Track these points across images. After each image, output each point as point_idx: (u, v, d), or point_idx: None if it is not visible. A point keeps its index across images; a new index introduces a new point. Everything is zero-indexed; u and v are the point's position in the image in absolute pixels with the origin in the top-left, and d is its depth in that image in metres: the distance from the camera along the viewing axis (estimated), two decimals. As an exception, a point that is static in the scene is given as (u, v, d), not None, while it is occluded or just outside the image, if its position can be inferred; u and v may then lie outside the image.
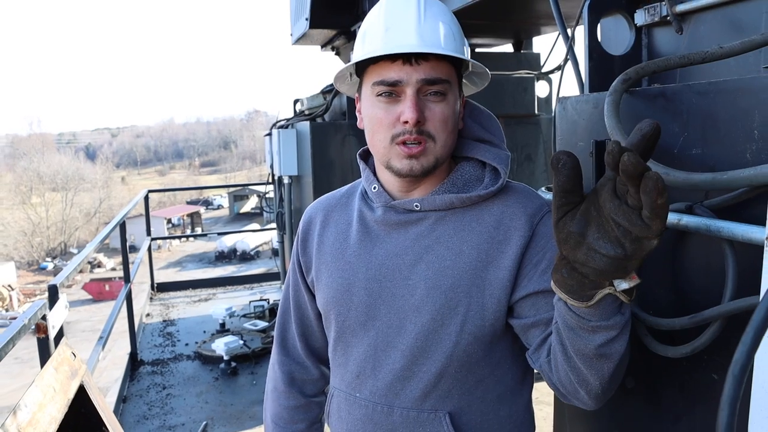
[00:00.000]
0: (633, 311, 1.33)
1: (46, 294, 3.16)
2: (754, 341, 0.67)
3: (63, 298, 3.19)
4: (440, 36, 1.34)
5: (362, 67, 1.41)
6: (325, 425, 1.74)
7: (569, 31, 1.91)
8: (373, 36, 1.37)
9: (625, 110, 1.43)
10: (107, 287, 34.13)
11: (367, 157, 1.57)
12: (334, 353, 1.55)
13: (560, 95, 1.77)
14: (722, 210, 1.16)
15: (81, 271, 34.61)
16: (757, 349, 0.66)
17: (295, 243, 1.65)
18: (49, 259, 55.16)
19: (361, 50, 1.40)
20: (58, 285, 3.19)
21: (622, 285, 1.00)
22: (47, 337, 2.87)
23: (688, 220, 1.18)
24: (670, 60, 1.43)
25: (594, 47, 1.74)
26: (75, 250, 55.37)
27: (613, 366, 1.13)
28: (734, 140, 1.14)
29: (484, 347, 1.39)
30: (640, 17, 1.80)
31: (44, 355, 2.87)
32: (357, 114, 1.49)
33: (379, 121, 1.36)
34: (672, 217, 1.22)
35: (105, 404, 2.46)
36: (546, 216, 1.38)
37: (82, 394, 2.31)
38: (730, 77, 1.44)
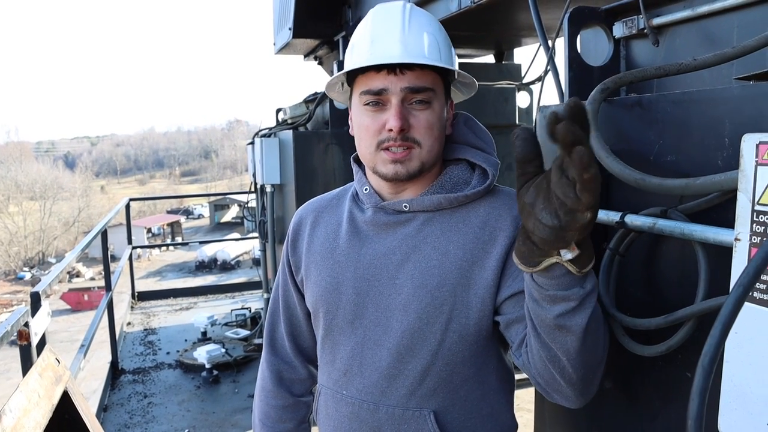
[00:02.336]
0: (610, 312, 1.37)
1: (23, 304, 3.15)
2: (722, 334, 0.70)
3: (45, 305, 3.18)
4: (424, 46, 1.38)
5: (352, 78, 1.47)
6: (313, 425, 1.77)
7: (550, 42, 1.96)
8: (360, 47, 1.43)
9: (604, 119, 1.47)
10: (86, 297, 33.72)
11: (360, 160, 1.61)
12: (322, 351, 1.58)
13: (541, 105, 1.81)
14: (695, 214, 1.21)
15: (60, 281, 34.20)
16: (724, 342, 0.70)
17: (285, 243, 1.69)
18: (26, 269, 54.41)
19: (350, 61, 1.46)
20: (40, 292, 3.18)
21: (567, 255, 1.06)
22: (29, 345, 2.86)
23: (662, 224, 1.23)
24: (646, 71, 1.48)
25: (574, 58, 1.79)
26: (53, 260, 54.73)
27: (576, 341, 1.15)
28: (706, 148, 1.19)
29: (470, 347, 1.42)
30: (619, 30, 1.85)
31: (26, 363, 2.86)
32: (349, 121, 1.54)
33: (366, 128, 1.41)
34: (647, 221, 1.27)
35: (89, 410, 2.46)
36: None
37: (66, 400, 2.31)
38: (704, 88, 1.49)
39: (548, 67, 1.96)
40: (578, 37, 1.80)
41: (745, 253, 0.92)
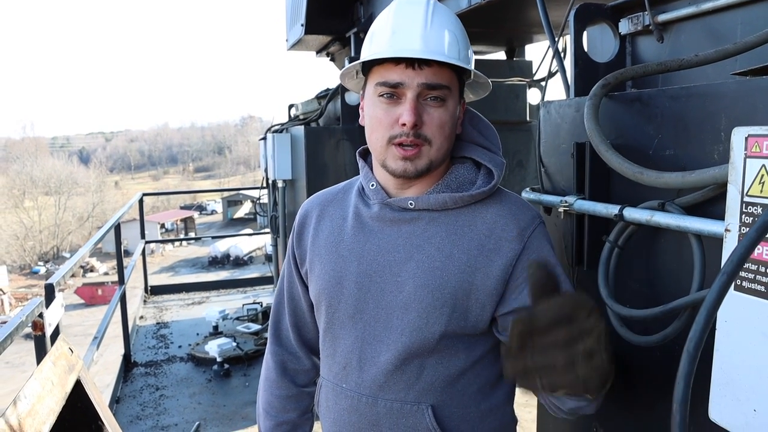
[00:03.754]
0: (608, 303, 1.40)
1: (38, 297, 3.19)
2: (706, 321, 0.73)
3: (59, 296, 3.22)
4: (444, 43, 1.37)
5: (368, 67, 1.45)
6: (316, 418, 1.79)
7: (559, 39, 1.98)
8: (380, 38, 1.42)
9: (605, 113, 1.50)
10: (100, 291, 33.92)
11: (366, 155, 1.61)
12: (324, 344, 1.60)
13: (545, 101, 1.83)
14: (692, 207, 1.23)
15: (73, 275, 34.40)
16: (708, 329, 0.73)
17: (290, 236, 1.70)
18: (41, 263, 54.98)
19: (368, 50, 1.45)
20: (54, 284, 3.23)
21: None
22: (44, 335, 2.91)
23: (659, 217, 1.25)
24: (647, 66, 1.50)
25: (579, 54, 1.80)
26: (67, 255, 55.10)
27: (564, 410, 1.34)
28: (703, 141, 1.21)
29: (466, 344, 1.44)
30: (624, 26, 1.87)
31: (40, 354, 2.90)
32: (360, 111, 1.53)
33: (378, 120, 1.40)
34: (644, 214, 1.29)
35: (101, 399, 2.51)
36: (537, 229, 1.42)
37: (78, 388, 2.36)
38: (705, 84, 1.51)
39: (551, 66, 1.98)
40: (585, 33, 1.82)
41: (734, 244, 0.94)
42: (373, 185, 1.52)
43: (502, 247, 1.40)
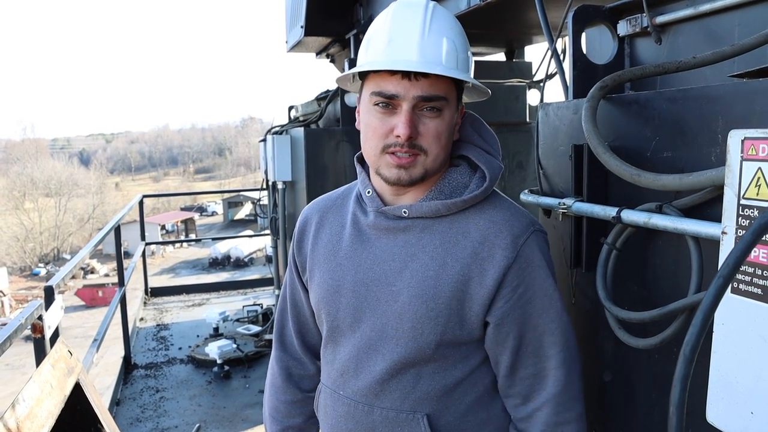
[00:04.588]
0: (606, 306, 1.40)
1: (38, 299, 3.19)
2: (703, 324, 0.73)
3: (59, 299, 3.22)
4: (442, 53, 1.34)
5: (364, 72, 1.42)
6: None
7: (559, 40, 1.98)
8: (376, 46, 1.39)
9: (602, 116, 1.49)
10: (100, 293, 33.93)
11: (363, 160, 1.58)
12: (325, 350, 1.60)
13: (543, 102, 1.84)
14: (690, 209, 1.23)
15: (74, 277, 34.36)
16: (705, 332, 0.73)
17: (291, 243, 1.69)
18: (41, 265, 54.92)
19: (365, 57, 1.42)
20: (54, 286, 3.23)
21: None
22: (43, 338, 2.91)
23: (656, 219, 1.25)
24: (645, 68, 1.50)
25: (578, 56, 1.80)
26: (68, 256, 55.07)
27: None
28: (701, 144, 1.21)
29: (462, 352, 1.44)
30: (623, 28, 1.87)
31: (40, 356, 2.90)
32: (356, 115, 1.51)
33: (373, 129, 1.39)
34: (642, 216, 1.29)
35: (100, 401, 2.51)
36: (531, 237, 1.39)
37: (77, 391, 2.36)
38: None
39: (549, 68, 1.98)
40: (583, 35, 1.82)
41: (731, 247, 0.94)
42: (369, 192, 1.51)
43: (495, 254, 1.37)
